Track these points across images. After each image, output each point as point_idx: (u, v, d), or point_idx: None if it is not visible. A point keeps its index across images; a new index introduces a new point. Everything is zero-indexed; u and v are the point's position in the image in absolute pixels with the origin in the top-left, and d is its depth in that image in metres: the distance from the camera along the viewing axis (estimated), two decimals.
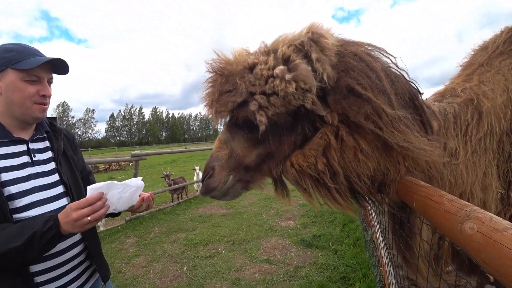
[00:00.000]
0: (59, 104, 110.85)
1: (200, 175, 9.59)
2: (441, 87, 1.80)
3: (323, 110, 1.06)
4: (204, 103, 1.22)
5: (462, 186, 1.45)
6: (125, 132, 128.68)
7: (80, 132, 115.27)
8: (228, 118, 1.21)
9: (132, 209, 1.46)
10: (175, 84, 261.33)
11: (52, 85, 1.32)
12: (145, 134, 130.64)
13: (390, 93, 1.06)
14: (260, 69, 1.05)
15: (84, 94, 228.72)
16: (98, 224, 6.16)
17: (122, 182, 1.28)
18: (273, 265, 4.11)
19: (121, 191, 1.25)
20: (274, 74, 1.03)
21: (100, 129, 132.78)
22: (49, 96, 1.28)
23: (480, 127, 1.48)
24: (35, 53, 1.25)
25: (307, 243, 4.70)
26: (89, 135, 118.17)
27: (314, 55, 1.02)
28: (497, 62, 1.59)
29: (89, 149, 45.80)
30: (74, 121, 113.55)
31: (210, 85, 1.18)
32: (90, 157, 34.52)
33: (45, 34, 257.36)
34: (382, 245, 3.04)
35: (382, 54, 1.20)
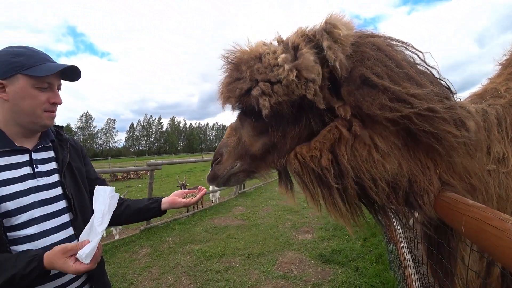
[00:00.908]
0: (82, 115, 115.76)
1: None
2: (478, 88, 1.59)
3: (323, 104, 1.01)
4: (218, 90, 1.22)
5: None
6: (144, 142, 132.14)
7: (101, 142, 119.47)
8: (237, 106, 1.18)
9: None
10: (193, 95, 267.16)
11: (60, 92, 1.25)
12: (163, 143, 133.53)
13: (415, 77, 0.97)
14: (268, 58, 1.04)
15: (105, 105, 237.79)
16: (113, 232, 6.16)
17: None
18: (289, 281, 3.88)
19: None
20: (278, 62, 1.01)
21: (120, 139, 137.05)
22: (60, 104, 1.21)
23: None
24: (46, 58, 1.18)
25: (325, 259, 4.44)
26: (110, 144, 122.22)
27: (325, 43, 0.97)
28: None
29: (109, 158, 47.06)
30: (96, 131, 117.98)
31: (223, 73, 1.19)
32: (110, 166, 35.80)
33: (71, 48, 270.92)
34: (409, 263, 2.77)
35: (407, 49, 1.09)
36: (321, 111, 1.04)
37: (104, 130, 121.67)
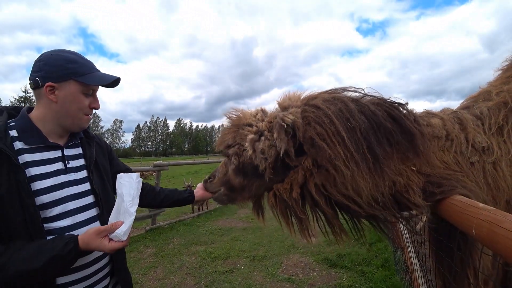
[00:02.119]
0: None
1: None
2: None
3: (268, 175, 1.30)
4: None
5: (508, 191, 1.28)
6: (150, 143, 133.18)
7: (108, 142, 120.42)
8: (224, 153, 1.50)
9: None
10: (200, 97, 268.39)
11: None
12: (169, 145, 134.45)
13: (344, 132, 1.15)
14: (248, 130, 1.36)
15: (113, 106, 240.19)
16: None
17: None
18: (294, 284, 3.86)
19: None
20: (247, 139, 1.33)
21: (126, 139, 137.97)
22: (98, 109, 1.32)
23: None
24: (94, 67, 1.29)
25: (331, 262, 4.40)
26: (117, 145, 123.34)
27: (275, 136, 1.26)
28: None
29: None
30: (103, 131, 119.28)
31: (224, 126, 1.55)
32: None
33: (81, 49, 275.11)
34: (416, 268, 2.74)
35: (348, 91, 1.32)
36: (284, 166, 1.30)
37: (111, 131, 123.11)
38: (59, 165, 1.22)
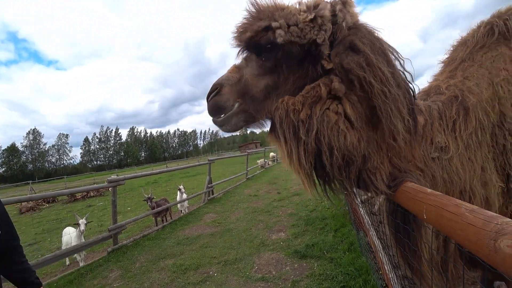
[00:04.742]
0: (29, 132, 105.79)
1: (184, 195, 9.26)
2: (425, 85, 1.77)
3: (327, 50, 1.17)
4: (233, 29, 1.32)
5: (460, 183, 1.40)
6: (102, 156, 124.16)
7: (54, 160, 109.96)
8: (251, 41, 1.26)
9: None
10: (153, 102, 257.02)
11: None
12: (123, 155, 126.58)
13: (390, 62, 1.15)
14: (291, 8, 1.22)
15: (56, 119, 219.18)
16: (78, 259, 5.71)
17: None
18: (269, 282, 3.91)
19: None
20: (300, 10, 1.21)
21: (75, 155, 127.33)
22: None
23: (468, 122, 1.45)
24: None
25: (301, 254, 4.54)
26: (64, 162, 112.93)
27: (338, 6, 1.17)
28: (478, 56, 1.56)
29: (65, 177, 43.23)
30: (46, 148, 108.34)
31: (244, 16, 1.29)
32: (66, 185, 32.95)
33: (12, 56, 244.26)
34: (379, 248, 2.94)
35: (392, 51, 1.25)
36: (318, 62, 1.19)
37: (56, 147, 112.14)
38: None
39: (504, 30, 1.51)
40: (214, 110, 1.29)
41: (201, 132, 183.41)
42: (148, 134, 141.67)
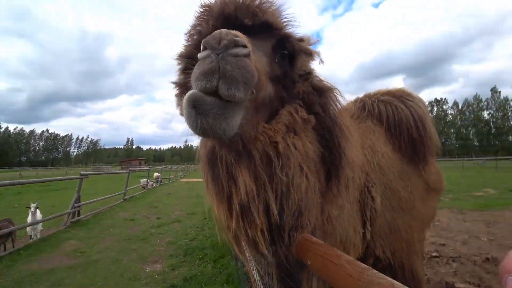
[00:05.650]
0: None
1: (38, 215, 7.27)
2: None
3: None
4: None
5: (343, 233, 1.60)
6: None
7: None
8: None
9: None
10: (20, 90, 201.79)
11: None
12: None
13: None
14: None
15: None
16: None
17: None
18: None
19: None
20: None
21: None
22: None
23: (354, 181, 1.70)
24: None
25: None
26: None
27: None
28: (356, 124, 1.98)
29: None
30: None
31: None
32: None
33: None
34: (259, 283, 3.08)
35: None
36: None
37: None
38: None
39: (371, 108, 1.99)
40: (236, 78, 0.81)
41: (77, 138, 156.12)
42: (3, 129, 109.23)
